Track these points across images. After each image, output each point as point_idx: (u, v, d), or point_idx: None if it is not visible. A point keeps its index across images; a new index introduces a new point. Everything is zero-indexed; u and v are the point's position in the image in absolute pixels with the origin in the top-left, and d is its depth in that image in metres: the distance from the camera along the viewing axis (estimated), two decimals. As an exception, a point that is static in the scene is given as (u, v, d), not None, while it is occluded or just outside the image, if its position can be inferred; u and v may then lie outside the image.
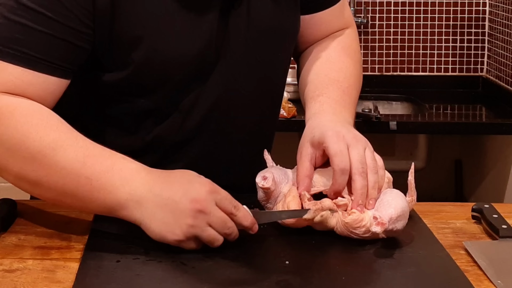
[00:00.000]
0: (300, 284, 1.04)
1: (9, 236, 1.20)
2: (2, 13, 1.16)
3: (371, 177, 1.18)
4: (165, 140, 1.31)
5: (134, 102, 1.29)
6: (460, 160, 3.42)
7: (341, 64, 1.41)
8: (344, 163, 1.17)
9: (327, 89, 1.35)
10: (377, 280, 1.06)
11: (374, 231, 1.13)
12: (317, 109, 1.32)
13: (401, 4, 3.28)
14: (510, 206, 1.34)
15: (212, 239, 1.11)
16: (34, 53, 1.16)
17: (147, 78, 1.26)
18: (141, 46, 1.23)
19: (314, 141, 1.22)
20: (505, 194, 2.95)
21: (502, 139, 2.97)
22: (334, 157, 1.18)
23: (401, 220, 1.16)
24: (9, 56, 1.16)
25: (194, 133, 1.32)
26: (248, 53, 1.31)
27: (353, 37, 1.49)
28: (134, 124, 1.31)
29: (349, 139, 1.20)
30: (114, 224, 1.20)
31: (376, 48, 3.29)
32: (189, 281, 1.05)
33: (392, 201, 1.17)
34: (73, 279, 1.06)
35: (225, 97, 1.31)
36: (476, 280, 1.06)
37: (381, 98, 3.16)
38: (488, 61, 3.28)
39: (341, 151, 1.18)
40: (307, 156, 1.22)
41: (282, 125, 2.75)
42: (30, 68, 1.16)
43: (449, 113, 3.12)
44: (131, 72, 1.25)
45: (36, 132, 1.14)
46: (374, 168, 1.18)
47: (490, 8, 3.25)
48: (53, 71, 1.19)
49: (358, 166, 1.17)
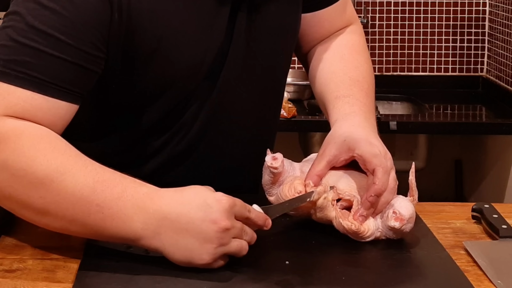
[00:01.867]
0: (300, 284, 1.04)
1: (9, 236, 1.20)
2: (11, 36, 1.12)
3: (388, 196, 1.18)
4: (170, 145, 1.30)
5: (140, 113, 1.27)
6: (460, 160, 3.42)
7: (356, 62, 1.40)
8: (386, 163, 1.17)
9: (352, 90, 1.33)
10: (377, 280, 1.06)
11: (393, 226, 1.14)
12: (347, 110, 1.29)
13: (401, 4, 3.28)
14: (510, 206, 1.34)
15: (239, 249, 1.07)
16: (44, 77, 1.12)
17: (159, 88, 1.24)
18: (156, 59, 1.20)
19: (343, 146, 1.21)
20: (505, 194, 2.95)
21: (502, 139, 2.97)
22: (374, 157, 1.17)
23: (410, 222, 1.17)
24: (18, 80, 1.11)
25: (198, 137, 1.31)
26: (249, 55, 1.30)
27: (359, 33, 1.48)
28: (139, 134, 1.29)
29: (386, 160, 1.19)
30: (114, 224, 1.20)
31: (376, 48, 3.29)
32: (189, 281, 1.05)
33: (402, 204, 1.18)
34: (73, 279, 1.06)
35: (227, 100, 1.30)
36: (476, 280, 1.06)
37: (381, 98, 3.16)
38: (488, 61, 3.28)
39: (383, 176, 1.17)
40: (327, 157, 1.21)
41: (282, 125, 2.73)
42: (40, 93, 1.11)
43: (449, 113, 3.12)
44: (143, 86, 1.23)
45: (43, 155, 1.08)
46: (393, 189, 1.18)
47: (490, 8, 3.25)
48: (64, 96, 1.14)
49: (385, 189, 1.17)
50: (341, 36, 1.45)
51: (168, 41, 1.20)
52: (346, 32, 1.46)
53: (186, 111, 1.28)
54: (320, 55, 1.43)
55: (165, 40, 1.20)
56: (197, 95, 1.27)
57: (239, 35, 1.27)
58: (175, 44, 1.21)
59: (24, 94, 1.11)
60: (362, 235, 1.16)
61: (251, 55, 1.31)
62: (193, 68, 1.24)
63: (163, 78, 1.23)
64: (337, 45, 1.43)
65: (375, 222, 1.17)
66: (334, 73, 1.38)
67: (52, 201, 1.07)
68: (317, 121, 2.85)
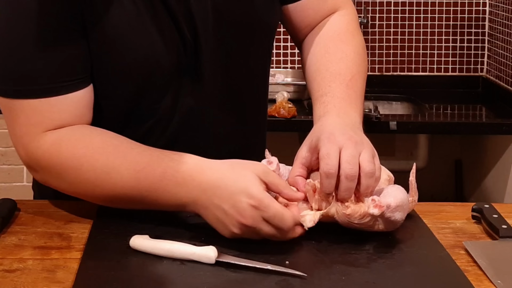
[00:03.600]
0: (300, 284, 1.04)
1: (9, 236, 1.20)
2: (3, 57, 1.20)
3: (365, 180, 1.15)
4: (149, 142, 1.26)
5: (108, 102, 1.29)
6: (460, 160, 3.42)
7: (341, 54, 1.38)
8: (329, 166, 1.15)
9: (330, 87, 1.33)
10: (377, 280, 1.06)
11: (372, 213, 1.13)
12: (321, 112, 1.30)
13: (401, 4, 3.28)
14: (510, 206, 1.33)
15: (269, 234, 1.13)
16: (50, 81, 1.20)
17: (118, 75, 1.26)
18: (115, 46, 1.23)
19: (312, 146, 1.22)
20: (505, 194, 2.95)
21: (502, 139, 2.97)
22: (321, 160, 1.17)
23: (399, 211, 1.15)
24: (29, 93, 1.19)
25: (175, 135, 1.32)
26: (219, 47, 1.31)
27: (348, 19, 1.45)
28: (113, 128, 1.28)
29: (342, 140, 1.17)
30: (114, 224, 1.20)
31: (376, 48, 3.29)
32: (189, 281, 1.05)
33: (392, 192, 1.17)
34: (73, 279, 1.06)
35: (202, 93, 1.31)
36: (476, 280, 1.06)
37: (381, 98, 3.16)
38: (488, 61, 3.28)
39: (328, 154, 1.16)
40: (299, 159, 1.22)
41: (282, 125, 2.75)
42: (54, 95, 1.20)
43: (449, 113, 3.12)
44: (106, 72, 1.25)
45: (86, 162, 1.19)
46: (370, 172, 1.15)
47: (490, 8, 3.25)
48: (77, 87, 1.22)
49: (345, 167, 1.14)
50: (327, 26, 1.44)
51: (124, 29, 1.23)
52: (333, 19, 1.44)
53: (160, 105, 1.29)
54: (308, 48, 1.44)
55: (121, 28, 1.22)
56: (170, 89, 1.29)
57: (203, 26, 1.28)
58: (131, 33, 1.23)
59: (41, 103, 1.20)
60: (355, 216, 1.15)
61: (221, 47, 1.31)
62: (147, 61, 1.25)
63: (125, 69, 1.25)
64: (322, 38, 1.42)
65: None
66: (318, 70, 1.38)
67: (108, 195, 1.21)
68: (317, 121, 2.85)
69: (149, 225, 1.19)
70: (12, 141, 1.25)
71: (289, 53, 3.31)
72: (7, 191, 3.26)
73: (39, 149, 1.21)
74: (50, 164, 1.21)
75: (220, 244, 1.11)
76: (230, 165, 1.16)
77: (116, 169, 1.18)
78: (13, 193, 3.23)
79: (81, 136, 1.22)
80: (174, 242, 1.12)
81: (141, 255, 1.11)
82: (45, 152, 1.21)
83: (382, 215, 1.14)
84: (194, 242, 1.12)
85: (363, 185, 1.15)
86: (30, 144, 1.22)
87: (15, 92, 1.21)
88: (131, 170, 1.18)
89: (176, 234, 1.16)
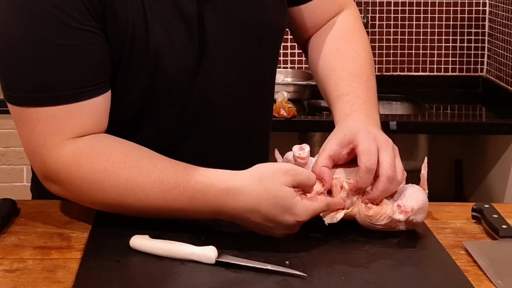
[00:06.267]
0: (300, 284, 1.04)
1: (9, 236, 1.20)
2: (27, 62, 1.16)
3: (394, 186, 1.18)
4: (153, 146, 1.25)
5: (122, 109, 1.27)
6: (460, 160, 3.42)
7: (353, 53, 1.40)
8: (371, 162, 1.17)
9: (351, 87, 1.34)
10: (377, 280, 1.06)
11: (397, 219, 1.15)
12: (347, 110, 1.30)
13: (401, 4, 3.28)
14: (510, 206, 1.33)
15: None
16: (72, 86, 1.17)
17: (129, 74, 1.25)
18: (132, 47, 1.21)
19: (344, 140, 1.21)
20: (505, 194, 2.95)
21: (502, 139, 2.97)
22: (362, 154, 1.18)
23: (421, 213, 1.18)
24: (49, 100, 1.16)
25: (183, 136, 1.31)
26: (230, 49, 1.30)
27: (353, 18, 1.47)
28: (120, 132, 1.26)
29: (380, 141, 1.20)
30: (114, 224, 1.20)
31: (376, 48, 3.30)
32: (189, 281, 1.05)
33: (413, 194, 1.19)
34: (73, 279, 1.06)
35: (210, 96, 1.31)
36: (476, 280, 1.06)
37: (381, 98, 3.15)
38: (488, 61, 3.28)
39: (369, 150, 1.18)
40: (328, 151, 1.21)
41: (282, 125, 2.75)
42: (75, 101, 1.17)
43: (449, 113, 3.12)
44: (114, 75, 1.24)
45: (108, 177, 1.15)
46: (400, 179, 1.19)
47: (490, 8, 3.25)
48: (98, 92, 1.19)
49: (388, 169, 1.17)
50: (336, 26, 1.45)
51: (141, 30, 1.21)
52: (340, 19, 1.46)
53: (169, 107, 1.28)
54: (318, 48, 1.44)
55: (138, 28, 1.21)
56: (179, 91, 1.28)
57: (214, 28, 1.27)
58: (143, 34, 1.21)
59: (62, 110, 1.17)
60: (383, 215, 1.17)
61: (232, 49, 1.31)
62: (157, 62, 1.23)
63: (128, 68, 1.24)
64: (332, 37, 1.43)
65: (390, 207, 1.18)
66: (332, 69, 1.39)
67: (134, 211, 1.18)
68: (317, 121, 2.85)
69: (149, 225, 1.19)
70: (27, 152, 1.21)
71: (289, 53, 3.31)
72: (7, 191, 3.26)
73: (58, 160, 1.17)
74: (70, 177, 1.17)
75: (220, 244, 1.11)
76: (258, 181, 1.13)
77: (140, 187, 1.15)
78: (13, 193, 3.23)
79: (101, 149, 1.17)
80: (174, 242, 1.12)
81: (141, 255, 1.12)
82: (64, 164, 1.17)
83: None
84: (194, 242, 1.12)
85: (390, 189, 1.19)
86: (48, 155, 1.17)
87: (34, 100, 1.16)
88: (156, 189, 1.15)
89: (176, 234, 1.16)
